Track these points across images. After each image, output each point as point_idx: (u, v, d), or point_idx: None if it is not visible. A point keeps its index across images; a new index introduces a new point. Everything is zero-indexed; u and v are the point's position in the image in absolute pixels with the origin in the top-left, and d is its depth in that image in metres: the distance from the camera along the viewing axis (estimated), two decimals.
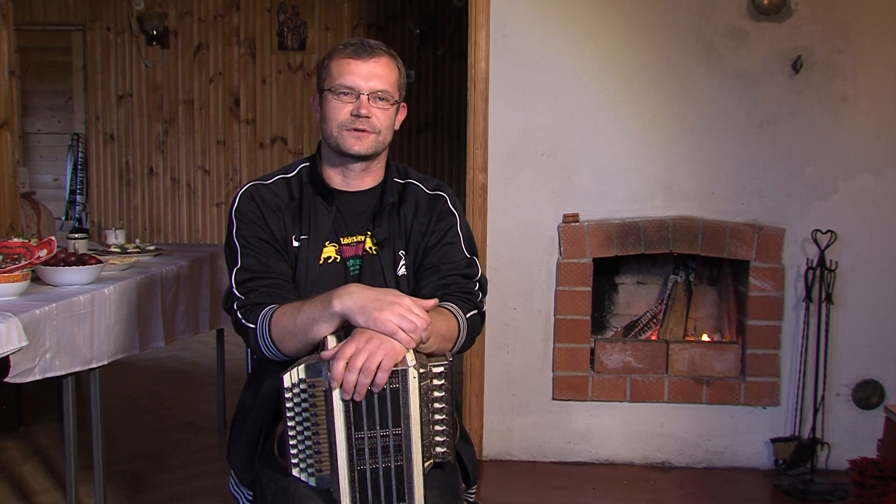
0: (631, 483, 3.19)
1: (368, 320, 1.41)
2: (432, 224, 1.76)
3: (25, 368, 2.20)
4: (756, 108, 3.23)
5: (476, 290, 1.74)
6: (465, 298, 1.69)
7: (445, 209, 1.78)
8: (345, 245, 1.74)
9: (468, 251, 1.76)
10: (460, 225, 1.78)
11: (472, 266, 1.76)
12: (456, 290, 1.70)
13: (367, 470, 1.41)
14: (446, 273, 1.71)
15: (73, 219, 6.47)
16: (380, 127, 1.70)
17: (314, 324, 1.49)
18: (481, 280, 1.77)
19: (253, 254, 1.67)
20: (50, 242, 2.52)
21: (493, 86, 3.25)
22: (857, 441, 3.24)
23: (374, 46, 1.71)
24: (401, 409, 1.40)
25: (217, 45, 6.44)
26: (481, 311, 1.73)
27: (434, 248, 1.74)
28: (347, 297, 1.45)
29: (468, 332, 1.65)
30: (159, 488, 3.07)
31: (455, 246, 1.75)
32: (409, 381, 1.39)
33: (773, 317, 3.27)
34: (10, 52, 3.68)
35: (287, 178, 1.77)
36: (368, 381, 1.37)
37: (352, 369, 1.36)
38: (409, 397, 1.40)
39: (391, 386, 1.39)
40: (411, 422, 1.40)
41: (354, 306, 1.44)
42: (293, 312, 1.53)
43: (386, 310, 1.41)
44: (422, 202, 1.78)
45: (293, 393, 1.42)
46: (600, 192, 3.27)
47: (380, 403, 1.40)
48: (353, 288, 1.47)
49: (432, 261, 1.73)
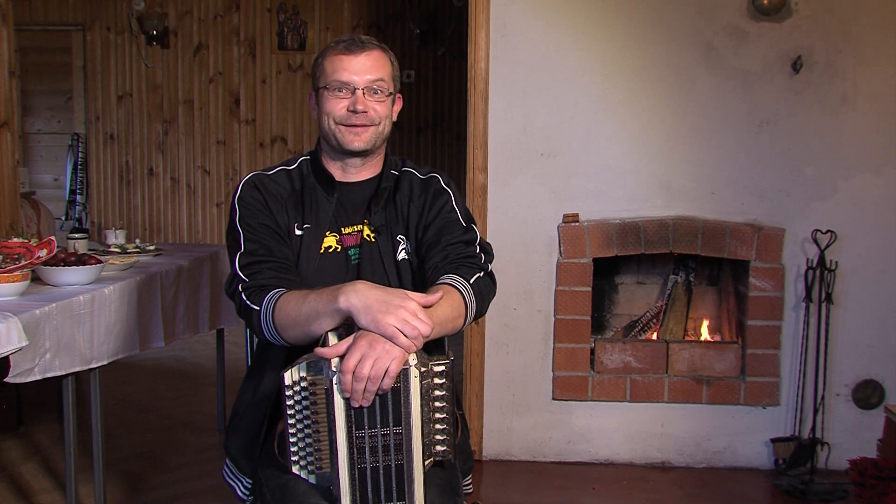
0: (631, 483, 3.19)
1: (371, 322, 1.40)
2: (428, 202, 1.76)
3: (25, 368, 2.20)
4: (756, 108, 3.23)
5: (477, 252, 1.73)
6: (468, 264, 1.69)
7: (439, 188, 1.79)
8: (345, 235, 1.74)
9: (465, 221, 1.77)
10: (455, 200, 1.78)
11: (470, 232, 1.75)
12: (456, 258, 1.69)
13: (368, 468, 1.41)
14: (446, 244, 1.71)
15: (73, 219, 6.47)
16: (378, 119, 1.71)
17: (317, 317, 1.48)
18: (482, 244, 1.76)
19: (257, 238, 1.67)
20: (50, 242, 2.52)
21: (493, 86, 3.25)
22: (857, 441, 3.24)
23: (366, 41, 1.72)
24: (402, 409, 1.40)
25: (217, 45, 6.44)
26: (488, 271, 1.72)
27: (433, 223, 1.74)
28: (353, 294, 1.44)
29: (477, 298, 1.64)
30: (159, 488, 3.07)
31: (452, 218, 1.75)
32: (411, 381, 1.39)
33: (773, 317, 3.27)
34: (10, 52, 3.68)
35: (289, 169, 1.79)
36: (376, 387, 1.36)
37: (359, 378, 1.36)
38: (411, 397, 1.40)
39: (392, 385, 1.39)
40: (412, 421, 1.40)
41: (360, 305, 1.42)
42: (298, 301, 1.51)
43: (390, 313, 1.40)
44: (416, 186, 1.79)
45: (293, 391, 1.41)
46: (600, 192, 3.27)
47: (381, 403, 1.39)
48: (360, 286, 1.46)
49: (432, 236, 1.73)
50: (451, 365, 1.44)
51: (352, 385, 1.36)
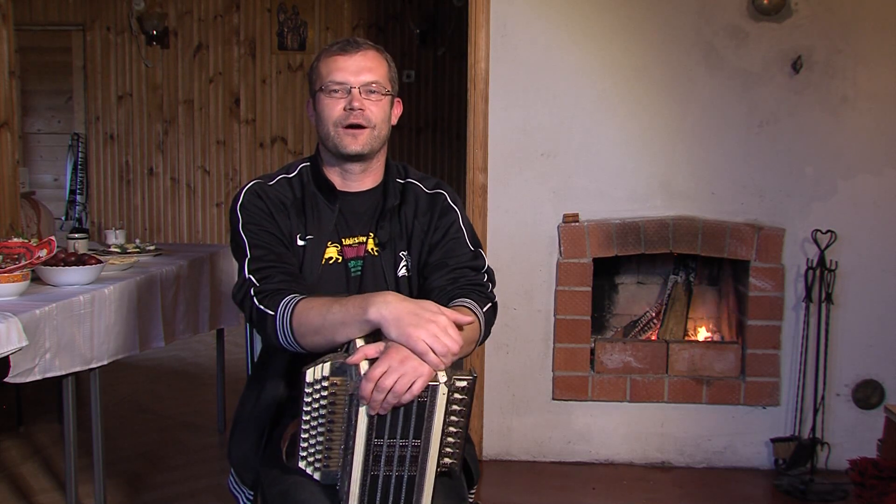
0: (631, 483, 3.19)
1: (401, 335, 1.38)
2: (434, 221, 1.75)
3: (25, 368, 2.20)
4: (756, 108, 3.23)
5: (486, 281, 1.73)
6: (478, 292, 1.68)
7: (446, 206, 1.77)
8: (346, 246, 1.72)
9: (472, 245, 1.76)
10: (462, 220, 1.77)
11: (479, 258, 1.74)
12: (466, 284, 1.68)
13: (381, 476, 1.41)
14: (454, 267, 1.70)
15: (73, 219, 6.47)
16: (374, 120, 1.68)
17: (344, 327, 1.46)
18: (489, 272, 1.76)
19: (263, 244, 1.65)
20: (50, 242, 2.52)
21: (493, 86, 3.25)
22: (857, 441, 3.24)
23: (360, 42, 1.71)
24: (424, 423, 1.39)
25: (217, 45, 6.44)
26: (494, 301, 1.72)
27: (438, 244, 1.73)
28: (384, 305, 1.42)
29: (486, 327, 1.65)
30: (159, 488, 3.07)
31: (459, 240, 1.74)
32: (438, 398, 1.38)
33: (773, 317, 3.27)
34: (10, 52, 3.68)
35: (289, 177, 1.76)
36: (396, 401, 1.35)
37: (380, 390, 1.34)
38: (435, 412, 1.38)
39: (419, 399, 1.37)
40: (432, 436, 1.40)
41: (390, 317, 1.40)
42: (322, 310, 1.49)
43: (421, 327, 1.38)
44: (422, 202, 1.77)
45: (314, 389, 1.39)
46: (600, 192, 3.27)
47: (405, 415, 1.38)
48: (390, 297, 1.44)
49: (438, 257, 1.71)
50: (473, 381, 1.42)
51: (372, 394, 1.35)
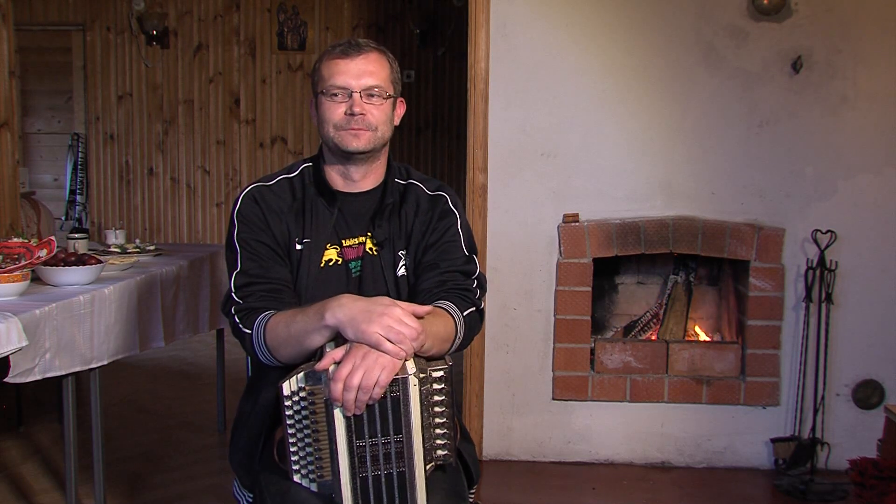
0: (631, 483, 3.19)
1: (357, 333, 1.41)
2: (433, 223, 1.75)
3: (25, 368, 2.20)
4: (756, 108, 3.23)
5: (474, 287, 1.73)
6: (463, 296, 1.68)
7: (446, 208, 1.77)
8: (346, 247, 1.73)
9: (468, 250, 1.76)
10: (460, 224, 1.77)
11: (471, 263, 1.75)
12: (453, 287, 1.68)
13: (370, 477, 1.41)
14: (445, 270, 1.70)
15: (73, 219, 6.47)
16: (375, 124, 1.68)
17: (308, 335, 1.49)
18: (480, 278, 1.76)
19: (253, 257, 1.67)
20: (50, 242, 2.52)
21: (493, 86, 3.25)
22: (857, 441, 3.24)
23: (363, 44, 1.70)
24: (402, 417, 1.40)
25: (217, 45, 6.44)
26: (480, 308, 1.72)
27: (434, 245, 1.73)
28: (339, 309, 1.44)
29: (465, 331, 1.64)
30: (159, 488, 3.07)
31: (455, 244, 1.74)
32: (410, 389, 1.39)
33: (773, 317, 3.27)
34: (10, 52, 3.68)
35: (290, 178, 1.77)
36: (367, 397, 1.37)
37: (349, 388, 1.36)
38: (410, 405, 1.40)
39: (392, 394, 1.39)
40: (412, 429, 1.40)
41: (345, 319, 1.43)
42: (287, 322, 1.53)
43: (374, 322, 1.40)
44: (423, 202, 1.77)
45: (293, 401, 1.41)
46: (600, 192, 3.27)
47: (381, 412, 1.40)
48: (344, 300, 1.46)
49: (431, 258, 1.72)
50: (450, 370, 1.44)
51: (343, 394, 1.36)
